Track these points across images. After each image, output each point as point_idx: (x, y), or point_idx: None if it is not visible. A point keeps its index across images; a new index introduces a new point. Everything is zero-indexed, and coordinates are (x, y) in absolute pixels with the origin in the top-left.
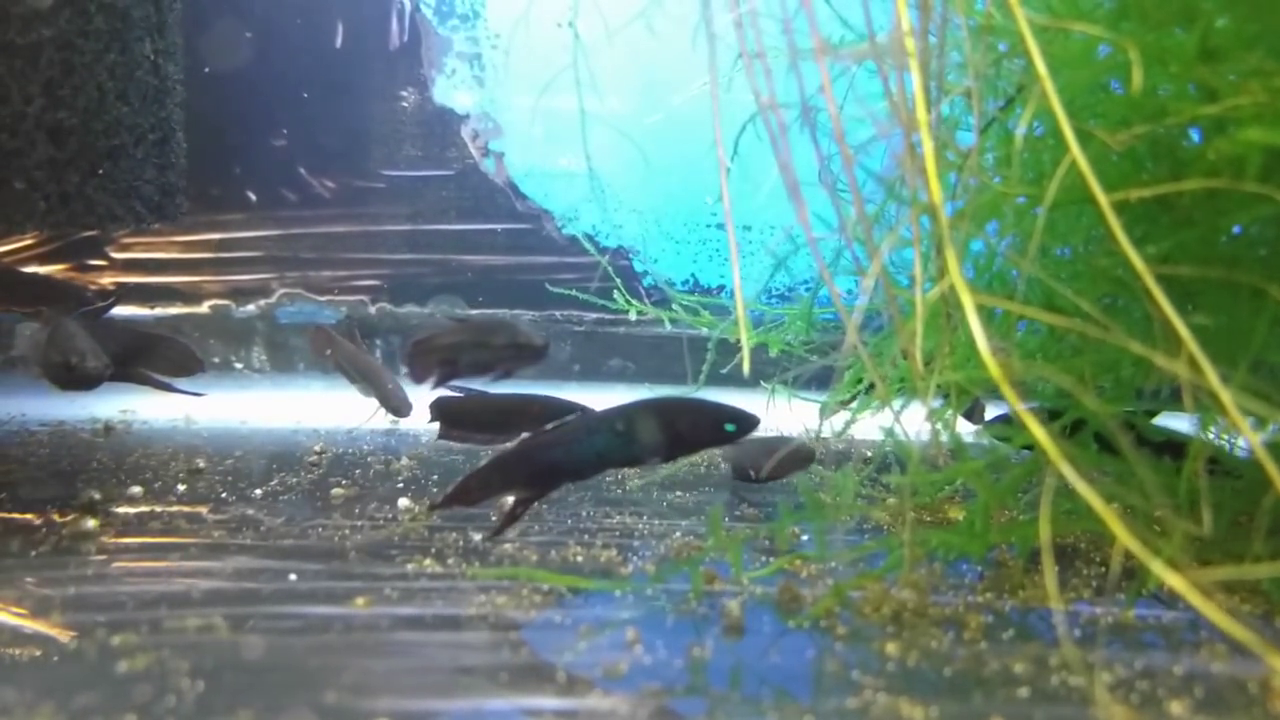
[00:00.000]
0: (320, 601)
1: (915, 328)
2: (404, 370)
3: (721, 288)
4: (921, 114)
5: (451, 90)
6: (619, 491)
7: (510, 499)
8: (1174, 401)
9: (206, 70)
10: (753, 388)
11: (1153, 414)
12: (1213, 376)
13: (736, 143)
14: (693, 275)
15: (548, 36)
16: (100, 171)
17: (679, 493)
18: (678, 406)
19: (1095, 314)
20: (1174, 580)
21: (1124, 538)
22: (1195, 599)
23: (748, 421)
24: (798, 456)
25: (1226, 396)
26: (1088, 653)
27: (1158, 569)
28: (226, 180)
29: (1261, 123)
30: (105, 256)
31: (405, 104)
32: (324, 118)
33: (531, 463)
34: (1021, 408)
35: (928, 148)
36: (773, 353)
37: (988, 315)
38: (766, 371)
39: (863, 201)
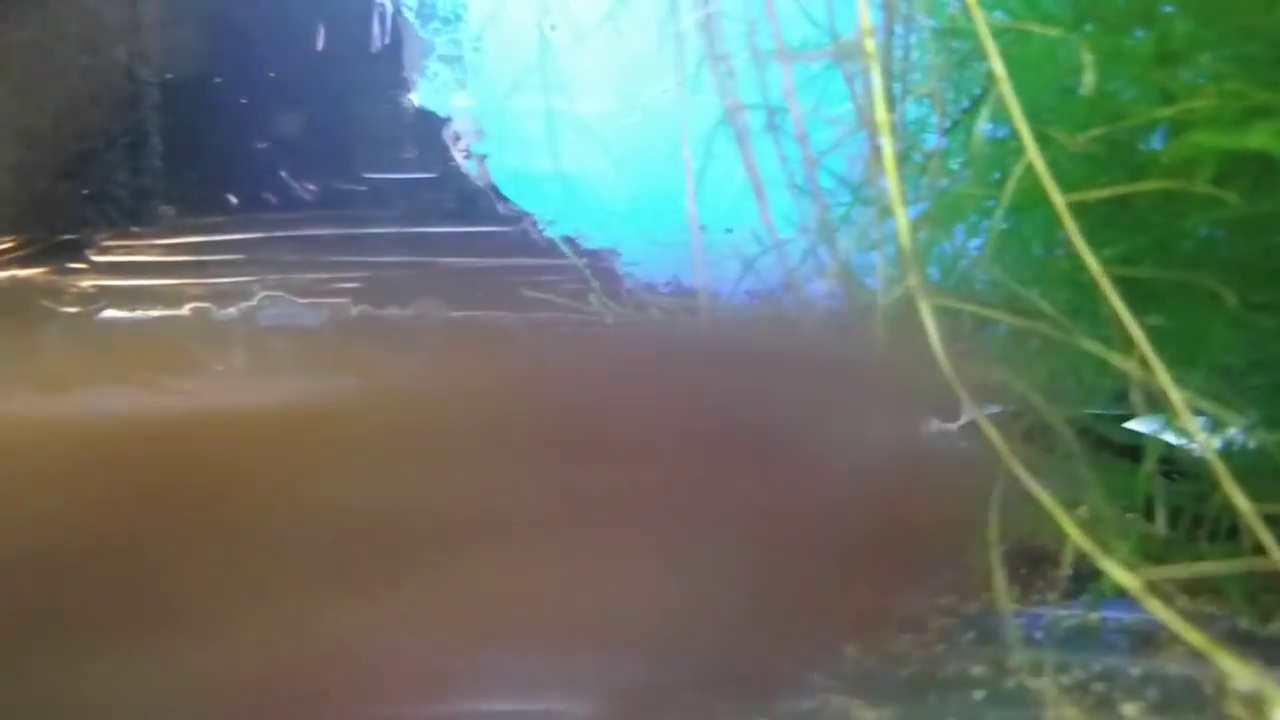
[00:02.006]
0: None
1: (875, 327)
2: None
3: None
4: (881, 115)
5: (433, 93)
6: None
7: None
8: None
9: (184, 73)
10: None
11: (1124, 416)
12: (1165, 378)
13: (709, 143)
14: (675, 277)
15: (531, 38)
16: (70, 176)
17: None
18: None
19: (1053, 314)
20: (1124, 580)
21: (1076, 537)
22: (1144, 599)
23: None
24: None
25: (1177, 398)
26: (1046, 655)
27: (1109, 569)
28: (206, 183)
29: (1215, 126)
30: (85, 260)
31: (387, 106)
32: (305, 120)
33: None
34: (979, 411)
35: (887, 149)
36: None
37: (953, 316)
38: None
39: (825, 203)
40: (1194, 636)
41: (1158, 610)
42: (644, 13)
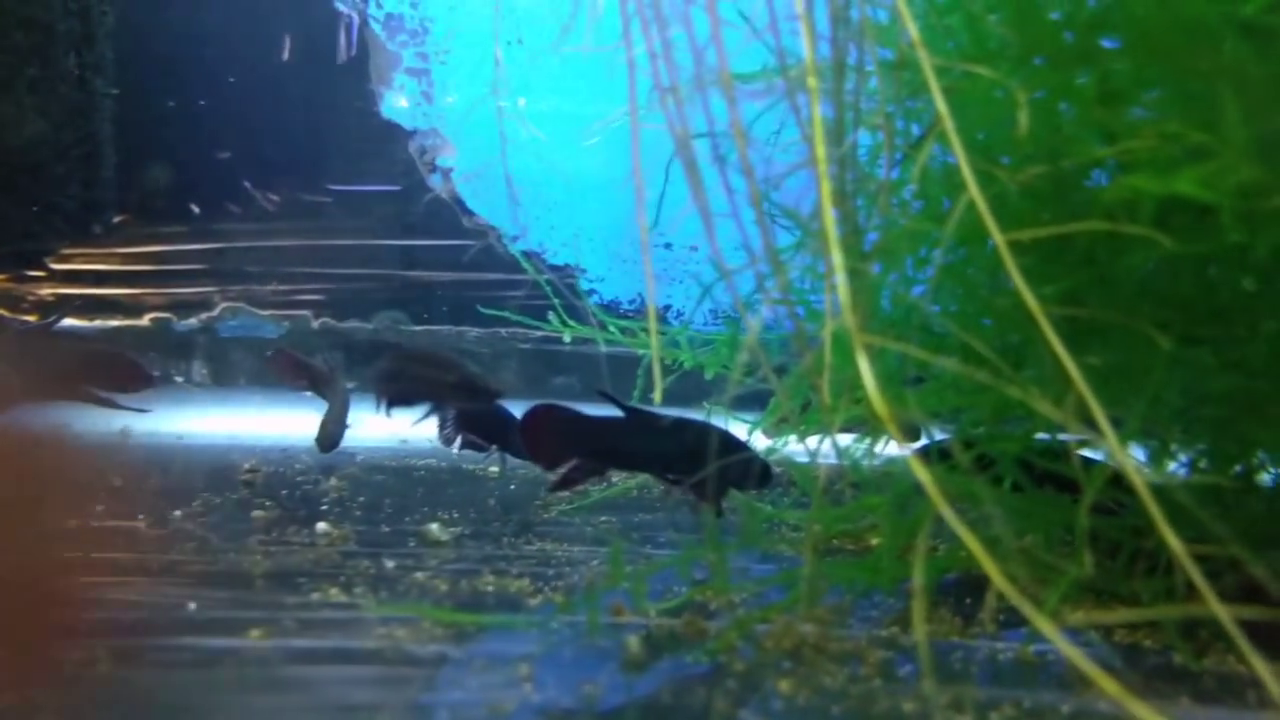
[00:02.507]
0: (215, 633)
1: (818, 359)
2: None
3: (668, 307)
4: (820, 150)
5: (399, 105)
6: (545, 516)
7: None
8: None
9: (146, 83)
10: (693, 406)
11: (1077, 444)
12: (1101, 418)
13: (668, 167)
14: (639, 294)
15: (500, 51)
16: (16, 187)
17: (605, 517)
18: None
19: (988, 354)
20: (1042, 625)
21: (996, 579)
22: (1058, 639)
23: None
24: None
25: (1113, 439)
26: (979, 691)
27: (1028, 611)
28: (169, 193)
29: (1153, 167)
30: (44, 268)
31: (352, 118)
32: (270, 132)
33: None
34: (908, 446)
35: (824, 185)
36: (709, 375)
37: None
38: (707, 391)
39: (771, 234)
40: (1108, 684)
41: (1072, 655)
42: (603, 35)
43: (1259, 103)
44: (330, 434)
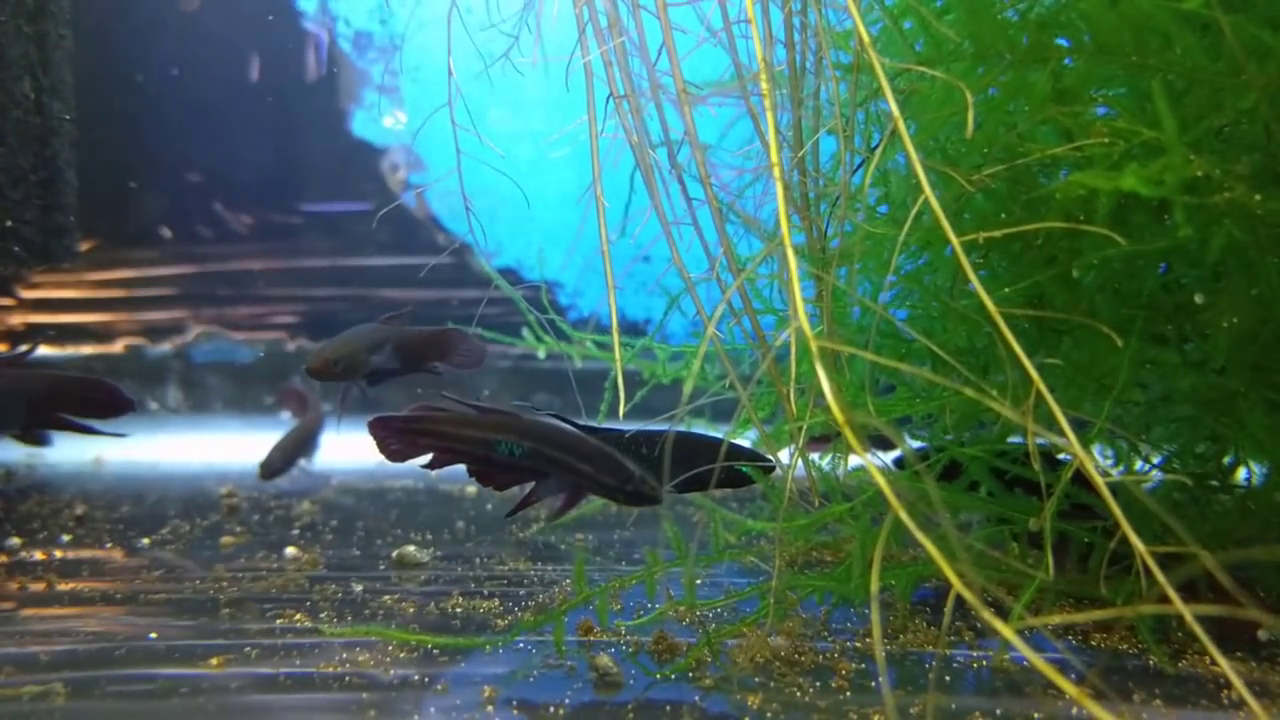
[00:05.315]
0: (175, 662)
1: (781, 367)
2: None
3: (648, 320)
4: (774, 155)
5: (370, 123)
6: (522, 535)
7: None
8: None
9: (113, 106)
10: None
11: (1053, 452)
12: (1062, 419)
13: (632, 178)
14: (619, 309)
15: (470, 68)
16: None
17: (581, 535)
18: (699, 443)
19: (947, 356)
20: (1000, 627)
21: (957, 585)
22: (1017, 642)
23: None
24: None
25: (1074, 439)
26: (952, 700)
27: (986, 616)
28: (140, 217)
29: (1106, 163)
30: (14, 296)
31: (322, 137)
32: (240, 153)
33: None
34: (869, 453)
35: (779, 192)
36: (688, 388)
37: (875, 353)
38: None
39: (733, 243)
40: (1067, 686)
41: (1032, 657)
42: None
43: (1208, 98)
44: (270, 461)
